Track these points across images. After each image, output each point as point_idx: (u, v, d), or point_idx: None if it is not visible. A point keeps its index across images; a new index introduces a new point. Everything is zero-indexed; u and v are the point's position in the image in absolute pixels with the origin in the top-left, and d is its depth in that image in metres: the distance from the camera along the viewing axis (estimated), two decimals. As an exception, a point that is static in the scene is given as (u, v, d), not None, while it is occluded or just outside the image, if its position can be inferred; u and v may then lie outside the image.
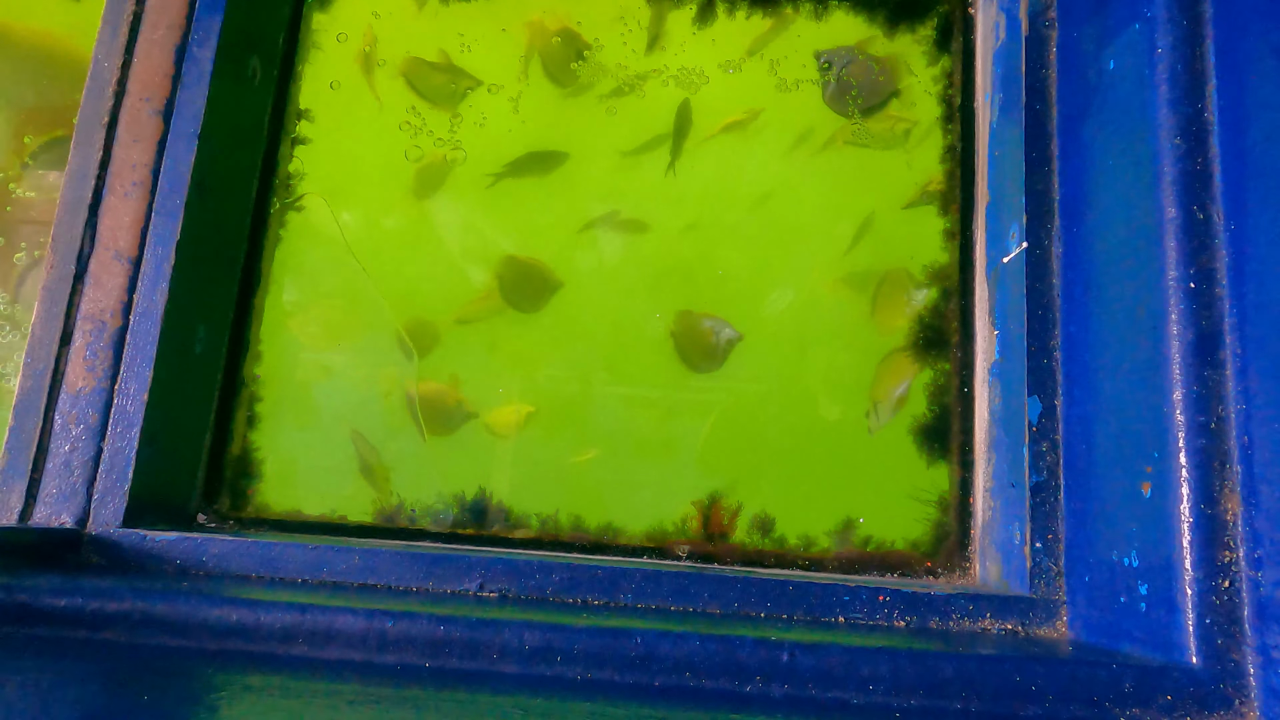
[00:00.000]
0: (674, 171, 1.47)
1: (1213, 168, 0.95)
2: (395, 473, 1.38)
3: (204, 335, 1.33)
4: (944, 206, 1.42)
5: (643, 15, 1.52)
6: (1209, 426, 0.90)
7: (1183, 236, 0.94)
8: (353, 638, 0.92)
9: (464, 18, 1.54)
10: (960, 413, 1.34)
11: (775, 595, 1.09)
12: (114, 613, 0.93)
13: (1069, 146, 1.18)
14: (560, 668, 0.90)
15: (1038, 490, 1.12)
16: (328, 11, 1.54)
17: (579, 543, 1.34)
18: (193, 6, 1.33)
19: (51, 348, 1.21)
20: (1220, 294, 0.92)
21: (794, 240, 1.44)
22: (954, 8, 1.49)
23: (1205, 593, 0.87)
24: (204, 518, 1.34)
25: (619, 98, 1.50)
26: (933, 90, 1.47)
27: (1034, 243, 1.19)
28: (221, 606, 0.93)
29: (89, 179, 1.26)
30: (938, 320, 1.38)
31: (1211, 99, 0.97)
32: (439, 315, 1.45)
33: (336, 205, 1.46)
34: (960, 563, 1.29)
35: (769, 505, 1.34)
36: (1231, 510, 0.88)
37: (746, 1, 1.52)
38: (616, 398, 1.40)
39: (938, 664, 0.89)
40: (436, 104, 1.51)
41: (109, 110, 1.29)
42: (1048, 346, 1.15)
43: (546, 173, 1.49)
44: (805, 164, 1.47)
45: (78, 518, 1.16)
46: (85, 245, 1.24)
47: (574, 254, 1.46)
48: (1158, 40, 1.01)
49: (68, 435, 1.18)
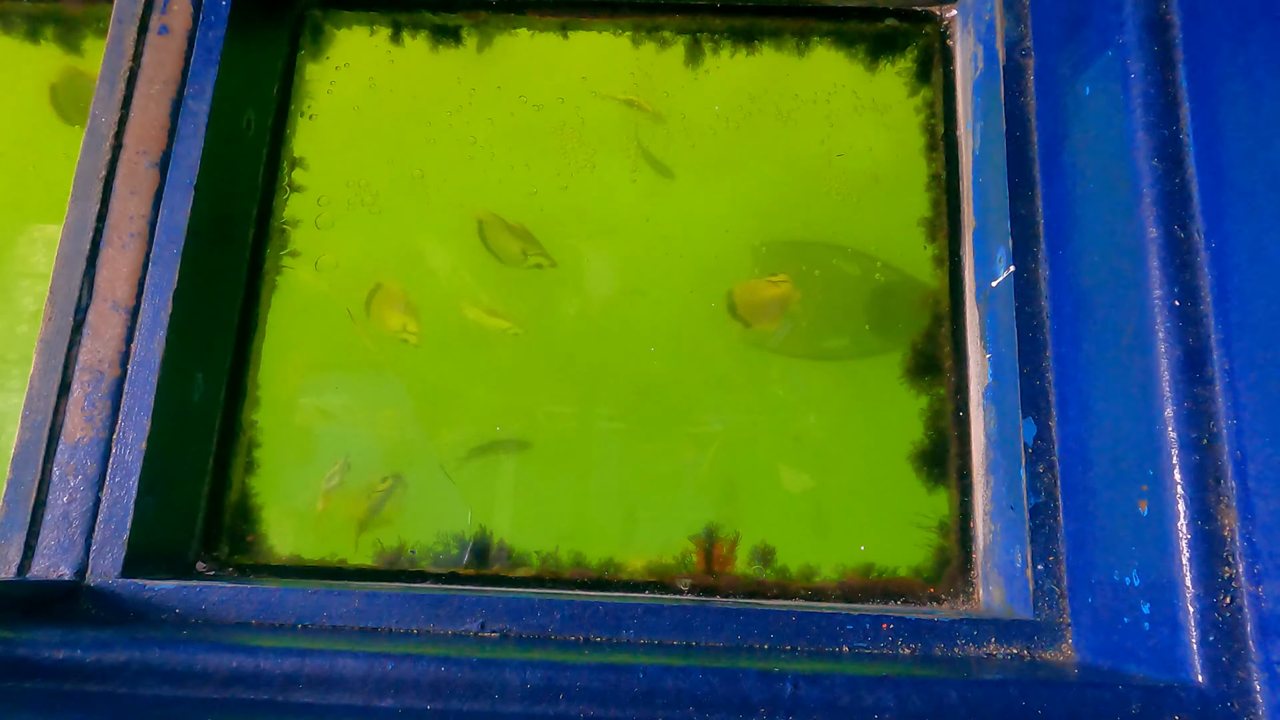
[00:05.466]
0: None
1: (1191, 187, 0.97)
2: (396, 514, 1.38)
3: (202, 383, 1.34)
4: (931, 234, 1.44)
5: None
6: (1201, 443, 0.90)
7: (1165, 255, 0.96)
8: (354, 682, 0.91)
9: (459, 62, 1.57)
10: (957, 437, 1.35)
11: (778, 626, 1.09)
12: (113, 664, 0.93)
13: (1051, 171, 1.20)
14: (563, 706, 0.90)
15: (1037, 512, 1.12)
16: (320, 62, 1.57)
17: (580, 579, 1.33)
18: (188, 62, 1.36)
19: (50, 399, 1.22)
20: (1205, 311, 0.93)
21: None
22: (933, 40, 1.52)
23: (1207, 610, 0.87)
24: (203, 565, 1.33)
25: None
26: (915, 120, 1.50)
27: (1021, 266, 1.20)
28: (221, 654, 0.93)
29: (87, 231, 1.28)
30: (930, 346, 1.39)
31: (1186, 121, 0.99)
32: (435, 357, 1.45)
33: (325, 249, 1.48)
34: (963, 588, 1.28)
35: (769, 536, 1.34)
36: (1229, 525, 0.88)
37: (730, 41, 1.55)
38: (613, 432, 1.40)
39: (943, 691, 0.89)
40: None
41: (106, 164, 1.31)
42: (1040, 368, 1.16)
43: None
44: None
45: (76, 569, 1.15)
46: (83, 296, 1.26)
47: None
48: (1130, 66, 1.03)
49: (66, 486, 1.19)
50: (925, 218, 1.45)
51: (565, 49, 1.57)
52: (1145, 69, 1.02)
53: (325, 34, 1.59)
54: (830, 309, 1.44)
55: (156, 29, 1.38)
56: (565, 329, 1.45)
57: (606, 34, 1.57)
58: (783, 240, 1.47)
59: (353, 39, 1.59)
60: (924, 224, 1.45)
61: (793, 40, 1.55)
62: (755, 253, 1.46)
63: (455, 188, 1.52)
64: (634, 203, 1.50)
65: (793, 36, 1.55)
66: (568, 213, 1.50)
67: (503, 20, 1.59)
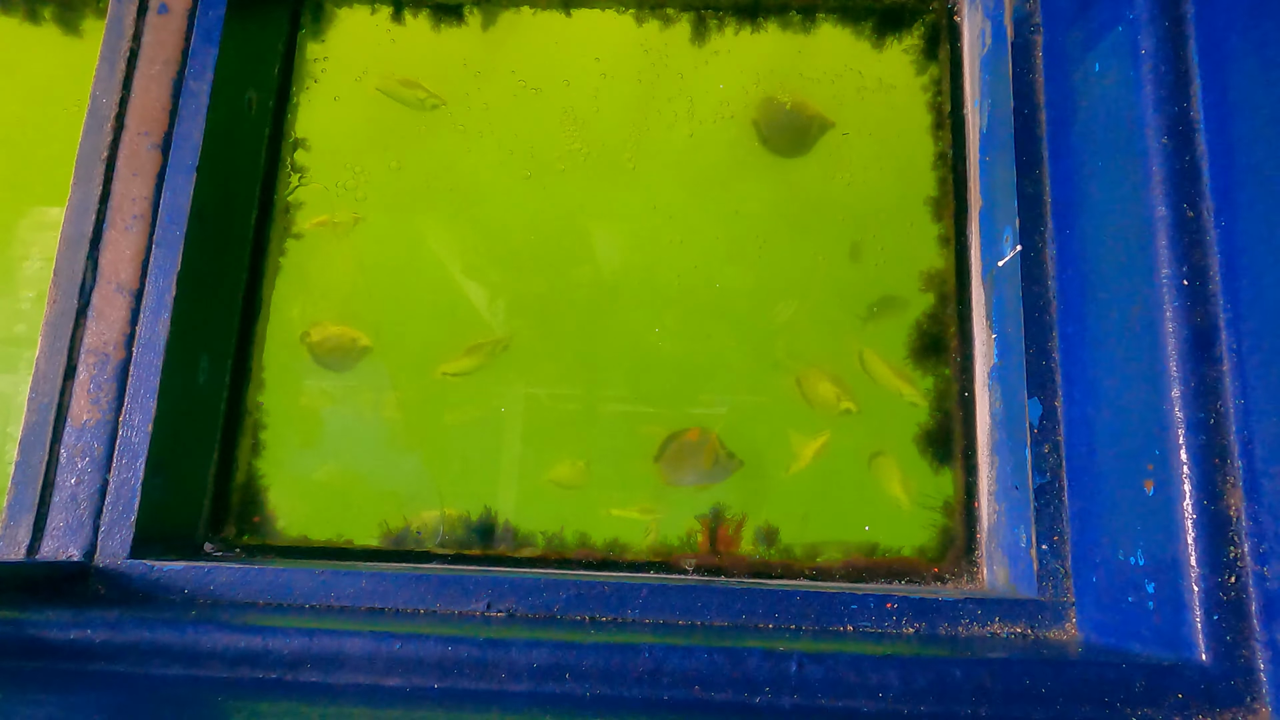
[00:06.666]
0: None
1: (1201, 165, 0.96)
2: (401, 494, 1.38)
3: (207, 365, 1.34)
4: (938, 213, 1.43)
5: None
6: (1208, 422, 0.90)
7: (1174, 234, 0.95)
8: (361, 661, 0.92)
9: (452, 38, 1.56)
10: (962, 417, 1.35)
11: (783, 606, 1.09)
12: (122, 644, 0.94)
13: (1059, 149, 1.18)
14: (569, 685, 0.90)
15: (1041, 492, 1.12)
16: (321, 41, 1.56)
17: (585, 560, 1.34)
18: (188, 41, 1.35)
19: (56, 381, 1.22)
20: (1214, 290, 0.92)
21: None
22: (940, 16, 1.51)
23: (1212, 589, 0.87)
24: (210, 546, 1.34)
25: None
26: (922, 98, 1.48)
27: (1028, 246, 1.19)
28: (230, 634, 0.94)
29: (89, 214, 1.28)
30: (936, 326, 1.39)
31: (1197, 98, 0.98)
32: (439, 338, 1.45)
33: (337, 230, 1.48)
34: (968, 567, 1.29)
35: (774, 517, 1.34)
36: (1234, 506, 0.88)
37: (734, 17, 1.54)
38: (619, 415, 1.41)
39: (947, 669, 0.89)
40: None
41: (108, 145, 1.30)
42: (1046, 348, 1.16)
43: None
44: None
45: (85, 550, 1.16)
46: (87, 279, 1.26)
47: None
48: (1141, 42, 1.02)
49: (73, 468, 1.19)
50: (931, 197, 1.44)
51: (569, 26, 1.56)
52: (1156, 45, 1.01)
53: (326, 13, 1.57)
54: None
55: (156, 8, 1.37)
56: (569, 310, 1.45)
57: (610, 11, 1.56)
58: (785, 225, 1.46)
59: (354, 18, 1.57)
60: (930, 203, 1.43)
61: (798, 18, 1.53)
62: (758, 240, 1.45)
63: (456, 166, 1.51)
64: (638, 186, 1.49)
65: (798, 14, 1.53)
66: (574, 192, 1.49)
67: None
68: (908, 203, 1.44)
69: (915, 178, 1.45)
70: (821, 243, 1.45)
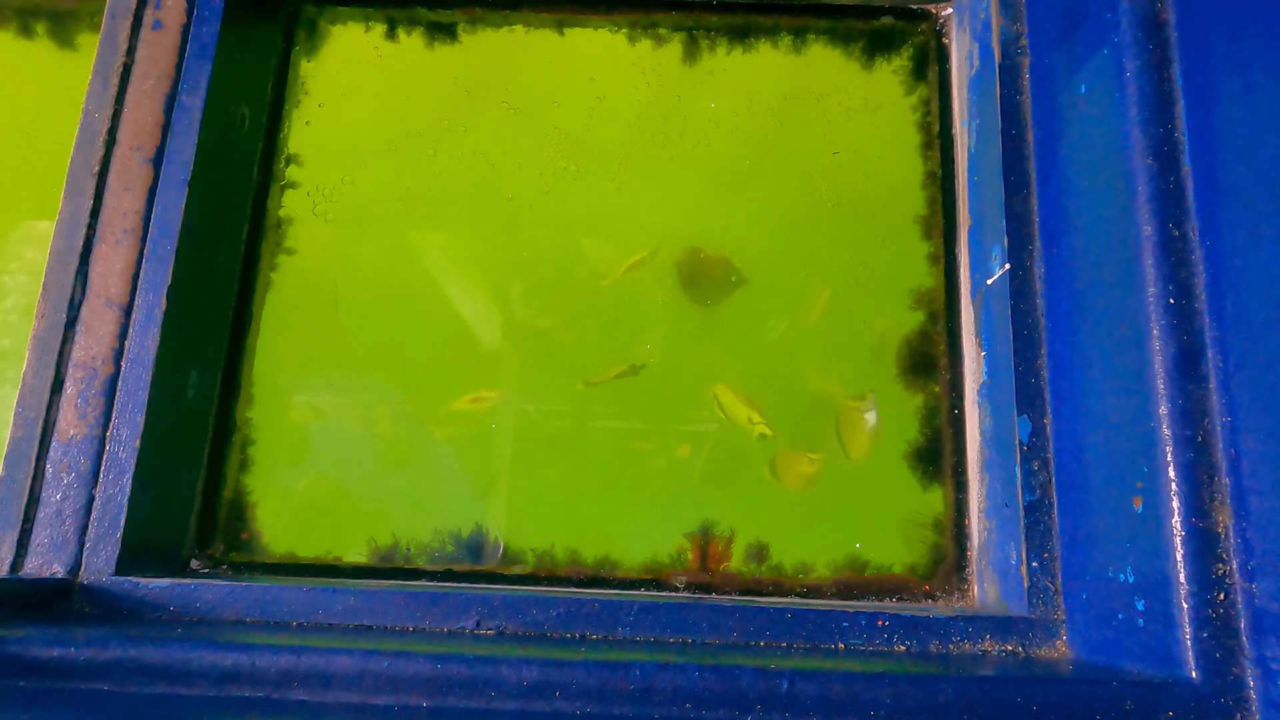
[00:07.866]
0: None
1: (1185, 185, 0.97)
2: (390, 511, 1.37)
3: (196, 380, 1.33)
4: (927, 231, 1.44)
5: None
6: (1196, 440, 0.91)
7: (1160, 253, 0.96)
8: (349, 679, 0.91)
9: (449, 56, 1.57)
10: (952, 434, 1.35)
11: (774, 623, 1.09)
12: (107, 662, 0.92)
13: (1046, 169, 1.20)
14: (559, 703, 0.90)
15: (1031, 509, 1.13)
16: (314, 59, 1.57)
17: (576, 577, 1.33)
18: (182, 57, 1.35)
19: (43, 396, 1.21)
20: (1200, 308, 0.93)
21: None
22: (929, 38, 1.53)
23: (1201, 606, 0.87)
24: (197, 563, 1.33)
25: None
26: (911, 118, 1.50)
27: (1016, 264, 1.20)
28: (216, 652, 0.93)
29: (80, 227, 1.27)
30: (925, 344, 1.40)
31: (1181, 119, 0.99)
32: (427, 354, 1.45)
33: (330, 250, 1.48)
34: (958, 585, 1.29)
35: (765, 534, 1.34)
36: (1223, 522, 0.88)
37: (725, 38, 1.55)
38: (610, 430, 1.40)
39: (939, 687, 0.89)
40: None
41: (99, 159, 1.30)
42: (1035, 366, 1.17)
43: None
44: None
45: (69, 567, 1.15)
46: (76, 293, 1.25)
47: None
48: (1126, 64, 1.04)
49: (59, 484, 1.18)
50: (921, 215, 1.45)
51: (561, 45, 1.57)
52: (1140, 67, 1.02)
53: (319, 30, 1.58)
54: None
55: (150, 24, 1.37)
56: (557, 326, 1.45)
57: (604, 30, 1.57)
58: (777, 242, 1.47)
59: (347, 35, 1.58)
60: (919, 221, 1.45)
61: (789, 38, 1.55)
62: (749, 255, 1.46)
63: (447, 184, 1.51)
64: (622, 203, 1.50)
65: (789, 34, 1.55)
66: (560, 210, 1.50)
67: (498, 17, 1.58)
68: (897, 221, 1.45)
69: (905, 196, 1.46)
70: (810, 261, 1.46)
